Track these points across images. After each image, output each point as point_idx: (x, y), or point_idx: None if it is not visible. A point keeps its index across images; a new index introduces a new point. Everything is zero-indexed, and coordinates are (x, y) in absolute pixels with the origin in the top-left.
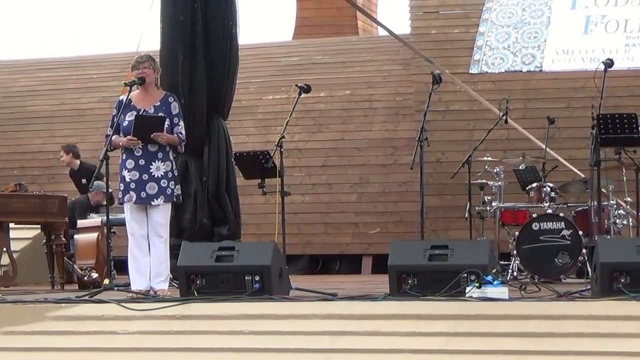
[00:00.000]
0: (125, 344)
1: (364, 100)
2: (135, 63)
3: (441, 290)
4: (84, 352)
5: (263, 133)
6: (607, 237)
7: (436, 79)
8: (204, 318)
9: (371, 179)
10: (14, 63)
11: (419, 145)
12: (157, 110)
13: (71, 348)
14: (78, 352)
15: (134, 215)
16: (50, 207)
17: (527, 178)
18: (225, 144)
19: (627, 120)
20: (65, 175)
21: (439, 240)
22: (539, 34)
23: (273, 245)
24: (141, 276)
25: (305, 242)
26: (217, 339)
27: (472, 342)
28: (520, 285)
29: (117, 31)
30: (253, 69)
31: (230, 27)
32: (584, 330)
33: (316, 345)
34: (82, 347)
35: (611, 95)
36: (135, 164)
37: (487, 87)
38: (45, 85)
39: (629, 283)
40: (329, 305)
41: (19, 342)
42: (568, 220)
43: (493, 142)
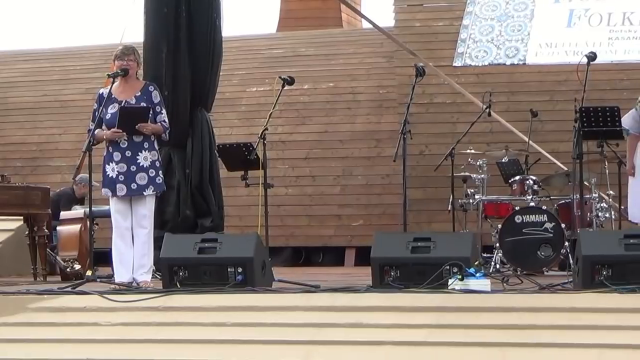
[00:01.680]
0: (107, 336)
1: (347, 92)
2: (119, 54)
3: (424, 282)
4: (67, 343)
5: (246, 125)
6: (589, 230)
7: (419, 71)
8: (186, 310)
9: (354, 172)
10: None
11: (402, 138)
12: (139, 100)
13: (53, 339)
14: (60, 344)
15: (118, 207)
16: (32, 198)
17: (510, 171)
18: (208, 136)
19: (609, 114)
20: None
21: (422, 233)
22: (523, 27)
23: (256, 237)
24: (124, 268)
25: (289, 234)
26: (199, 330)
27: (455, 334)
28: (503, 278)
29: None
30: (237, 61)
31: (214, 19)
32: (566, 323)
33: (299, 337)
34: (64, 338)
35: (594, 88)
36: (122, 156)
37: (470, 80)
38: (28, 77)
39: (611, 276)
40: (312, 297)
41: (0, 333)
42: (550, 213)
43: (476, 135)
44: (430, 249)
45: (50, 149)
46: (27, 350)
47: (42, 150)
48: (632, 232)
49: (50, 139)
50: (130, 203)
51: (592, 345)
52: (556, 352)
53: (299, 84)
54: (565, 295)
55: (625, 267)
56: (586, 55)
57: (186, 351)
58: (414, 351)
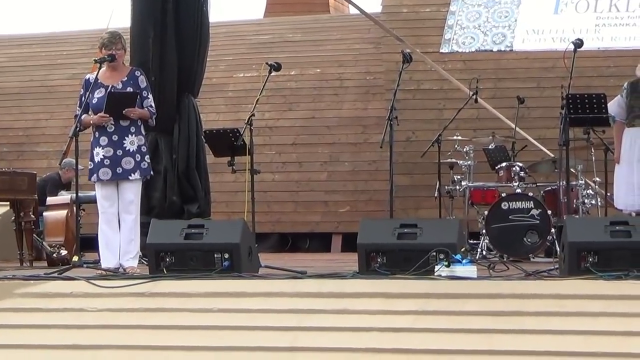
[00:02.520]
0: (93, 322)
1: (334, 78)
2: (106, 42)
3: (410, 268)
4: (53, 329)
5: (234, 111)
6: (575, 217)
7: (406, 57)
8: (173, 296)
9: (341, 158)
10: None
11: (389, 124)
12: (125, 85)
13: (39, 325)
14: (46, 329)
15: (104, 192)
16: (19, 184)
17: (496, 157)
18: (195, 121)
19: (596, 101)
20: (35, 152)
21: (408, 219)
22: (510, 14)
23: (242, 223)
24: (111, 254)
25: (275, 220)
26: (186, 316)
27: (441, 321)
28: (489, 264)
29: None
30: (224, 46)
31: (201, 4)
32: (552, 309)
33: (285, 323)
34: (50, 324)
35: (581, 75)
36: (108, 140)
37: (457, 67)
38: (14, 62)
39: (597, 262)
40: (298, 283)
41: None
42: (537, 199)
43: (463, 122)
44: (416, 236)
45: (37, 134)
46: (12, 336)
47: (29, 136)
48: (617, 219)
49: (36, 124)
50: (117, 189)
51: (577, 331)
52: (542, 338)
53: (285, 70)
54: (551, 282)
55: (611, 254)
56: (573, 42)
57: (172, 337)
58: (400, 337)
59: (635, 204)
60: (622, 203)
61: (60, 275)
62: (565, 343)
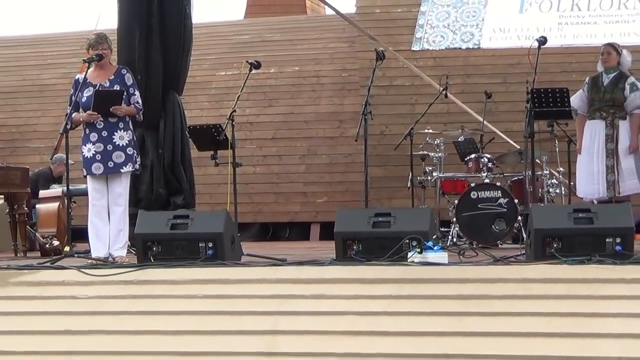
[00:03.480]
0: (85, 308)
1: (311, 76)
2: (93, 42)
3: (384, 255)
4: (46, 315)
5: (216, 107)
6: (540, 205)
7: (380, 55)
8: (160, 283)
9: (319, 151)
10: None
11: (364, 119)
12: (113, 84)
13: (33, 312)
14: (40, 316)
15: (95, 186)
16: (12, 178)
17: (465, 149)
18: (180, 117)
19: (559, 95)
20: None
21: (383, 209)
22: (477, 13)
23: (225, 213)
24: (101, 244)
25: (257, 210)
26: (172, 302)
27: (414, 305)
28: (459, 251)
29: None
30: (206, 46)
31: (184, 6)
32: (519, 293)
33: (266, 308)
34: (43, 311)
35: (545, 71)
36: (98, 136)
37: (428, 64)
38: (7, 62)
39: (561, 248)
40: (279, 270)
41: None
42: (504, 189)
43: (434, 116)
44: (390, 224)
45: (29, 131)
46: (8, 323)
47: (22, 132)
48: (580, 206)
49: (29, 121)
50: (107, 182)
51: (542, 314)
52: (509, 320)
53: (265, 68)
54: (518, 267)
55: (574, 240)
56: (537, 40)
57: (159, 322)
58: (375, 321)
59: (596, 192)
60: (584, 191)
61: (52, 265)
62: (531, 324)
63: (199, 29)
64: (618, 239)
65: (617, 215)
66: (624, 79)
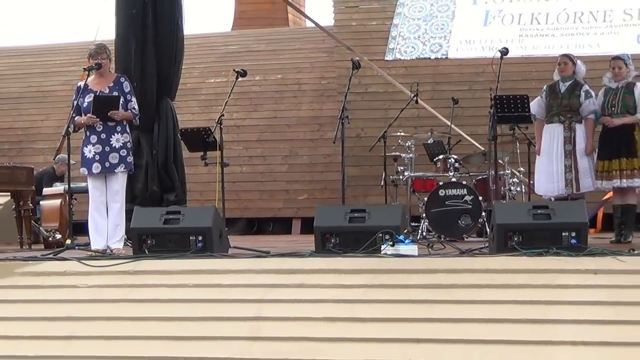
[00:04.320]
0: (84, 297)
1: (293, 83)
2: (93, 52)
3: (360, 248)
4: (49, 303)
5: (206, 112)
6: (502, 202)
7: (356, 64)
8: (154, 273)
9: (300, 152)
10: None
11: (341, 123)
12: (112, 90)
13: (37, 300)
14: (43, 304)
15: (94, 183)
16: (18, 177)
17: (434, 151)
18: (172, 121)
19: (520, 101)
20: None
21: (358, 205)
22: (445, 26)
23: (214, 209)
24: (99, 237)
25: (243, 207)
26: (165, 291)
27: (387, 293)
28: (428, 244)
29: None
30: (197, 56)
31: (176, 19)
32: (482, 282)
33: (251, 296)
34: (46, 299)
35: (507, 79)
36: (97, 138)
37: (400, 72)
38: (13, 70)
39: (521, 241)
40: (263, 261)
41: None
42: (470, 187)
43: (405, 120)
44: (365, 219)
45: (34, 134)
46: (13, 310)
47: (27, 135)
48: (538, 203)
49: (33, 124)
50: (105, 180)
51: (505, 301)
52: (474, 307)
53: (251, 75)
54: (482, 259)
55: (533, 234)
56: (500, 50)
57: (154, 309)
58: (352, 308)
59: (555, 190)
60: (543, 189)
61: (55, 257)
62: (494, 312)
63: (190, 39)
64: (573, 233)
65: (573, 212)
66: (580, 87)
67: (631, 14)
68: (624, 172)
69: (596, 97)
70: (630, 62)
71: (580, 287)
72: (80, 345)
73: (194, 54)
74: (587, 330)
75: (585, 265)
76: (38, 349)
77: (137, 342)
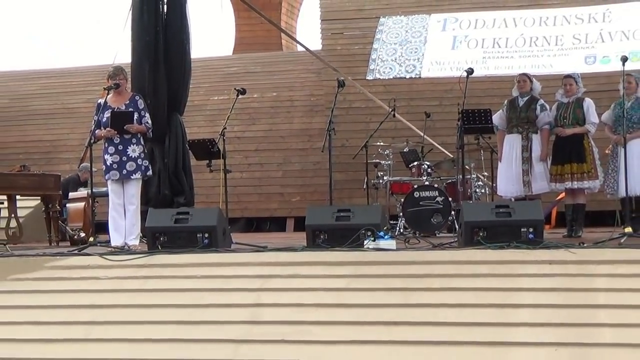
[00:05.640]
0: (105, 287)
1: (286, 100)
2: (111, 73)
3: (345, 243)
4: (74, 293)
5: (210, 125)
6: (469, 202)
7: (341, 83)
8: (166, 266)
9: (292, 160)
10: (19, 73)
11: (328, 134)
12: (128, 107)
13: (64, 290)
14: (69, 294)
15: (114, 188)
16: (47, 183)
17: (410, 158)
18: (181, 133)
19: (483, 114)
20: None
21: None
22: (418, 50)
23: (218, 210)
24: (118, 235)
25: (243, 208)
26: (176, 281)
27: (369, 282)
28: (405, 239)
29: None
30: (202, 76)
31: (184, 44)
32: (452, 272)
33: (251, 286)
34: (72, 289)
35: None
36: (115, 149)
37: (379, 90)
38: (43, 90)
39: (486, 236)
40: (261, 255)
41: (24, 286)
42: (441, 189)
43: (384, 131)
44: (350, 218)
45: (61, 145)
46: (43, 299)
47: (55, 146)
48: (500, 203)
49: (60, 137)
50: (123, 185)
51: (471, 288)
52: (445, 294)
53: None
54: (451, 252)
55: (496, 230)
56: (466, 71)
57: (166, 298)
58: (338, 295)
59: (514, 191)
60: (504, 191)
61: (79, 252)
62: (462, 297)
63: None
64: (531, 229)
65: (530, 210)
66: (536, 102)
67: (580, 38)
68: (574, 175)
69: (550, 110)
70: (579, 80)
71: (537, 275)
72: (101, 329)
73: (200, 74)
74: (542, 313)
75: (541, 257)
76: (65, 332)
77: (151, 327)
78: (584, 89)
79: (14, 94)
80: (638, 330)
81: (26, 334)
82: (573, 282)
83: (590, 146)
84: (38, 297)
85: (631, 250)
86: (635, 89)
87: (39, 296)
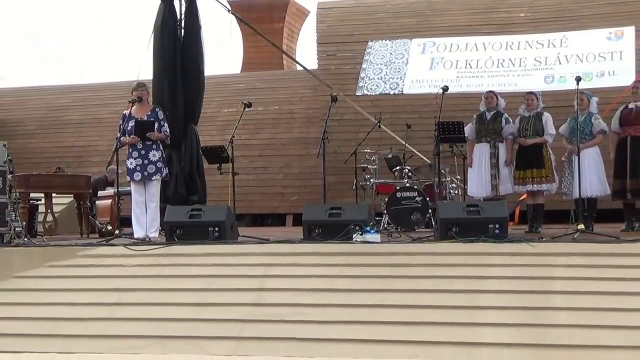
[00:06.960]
0: (129, 273)
1: (287, 112)
2: (135, 87)
3: (337, 236)
4: (102, 278)
5: (221, 134)
6: (444, 202)
7: (334, 98)
8: (182, 255)
9: (292, 164)
10: (54, 87)
11: (323, 142)
12: (150, 117)
13: (94, 276)
14: (98, 279)
15: (136, 187)
16: (79, 183)
17: (393, 163)
18: (196, 141)
19: (457, 126)
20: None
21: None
22: (401, 70)
23: (227, 207)
24: (140, 228)
25: (249, 205)
26: (190, 269)
27: (357, 270)
28: (389, 233)
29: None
30: (214, 91)
31: (199, 64)
32: (429, 262)
33: (255, 273)
34: (100, 275)
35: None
36: (138, 153)
37: (367, 104)
38: (76, 102)
39: (458, 231)
40: (264, 246)
41: (58, 272)
42: (420, 190)
43: (371, 140)
44: (341, 215)
45: (91, 150)
46: (75, 283)
47: (86, 151)
48: (471, 202)
49: (91, 143)
50: (144, 185)
51: (445, 276)
52: (423, 281)
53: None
54: (428, 244)
55: (467, 226)
56: (442, 88)
57: (182, 283)
58: (331, 282)
59: (482, 192)
60: (474, 192)
61: (107, 243)
62: (438, 284)
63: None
64: (497, 225)
65: (496, 209)
66: (501, 115)
67: (540, 60)
68: (534, 179)
69: (513, 123)
70: (539, 96)
71: (502, 265)
72: (125, 310)
73: (212, 90)
74: (506, 298)
75: (506, 250)
76: (94, 312)
77: (169, 308)
78: (543, 104)
79: (50, 106)
80: (590, 312)
81: (60, 314)
82: (533, 271)
83: (548, 154)
84: (70, 282)
85: (583, 244)
86: (587, 105)
87: (71, 281)
